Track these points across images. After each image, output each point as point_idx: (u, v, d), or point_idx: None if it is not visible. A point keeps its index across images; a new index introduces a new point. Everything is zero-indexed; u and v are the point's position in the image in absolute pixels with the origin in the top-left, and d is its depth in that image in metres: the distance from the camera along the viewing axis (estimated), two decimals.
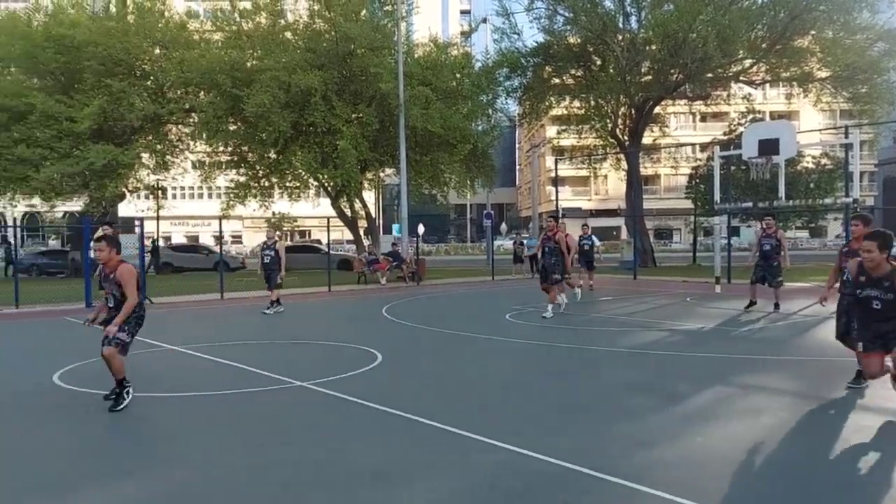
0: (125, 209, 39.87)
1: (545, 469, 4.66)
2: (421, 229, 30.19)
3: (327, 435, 5.63)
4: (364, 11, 27.30)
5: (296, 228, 54.80)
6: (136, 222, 22.05)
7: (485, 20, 34.09)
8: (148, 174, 31.97)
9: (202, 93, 28.21)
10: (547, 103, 32.60)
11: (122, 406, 6.38)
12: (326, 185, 28.92)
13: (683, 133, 55.80)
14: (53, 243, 52.30)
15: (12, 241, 25.95)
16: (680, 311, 14.78)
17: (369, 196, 35.84)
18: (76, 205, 33.00)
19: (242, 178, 29.86)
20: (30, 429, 6.00)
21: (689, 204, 38.86)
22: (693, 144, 45.06)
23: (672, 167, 44.17)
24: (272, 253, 14.92)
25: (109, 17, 30.10)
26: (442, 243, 69.41)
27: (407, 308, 15.83)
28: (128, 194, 32.16)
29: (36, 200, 31.12)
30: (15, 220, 36.16)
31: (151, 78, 29.51)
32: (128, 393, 6.50)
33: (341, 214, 29.75)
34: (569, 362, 8.98)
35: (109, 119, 26.70)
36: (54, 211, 35.67)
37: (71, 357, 9.11)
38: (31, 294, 17.62)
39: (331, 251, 25.68)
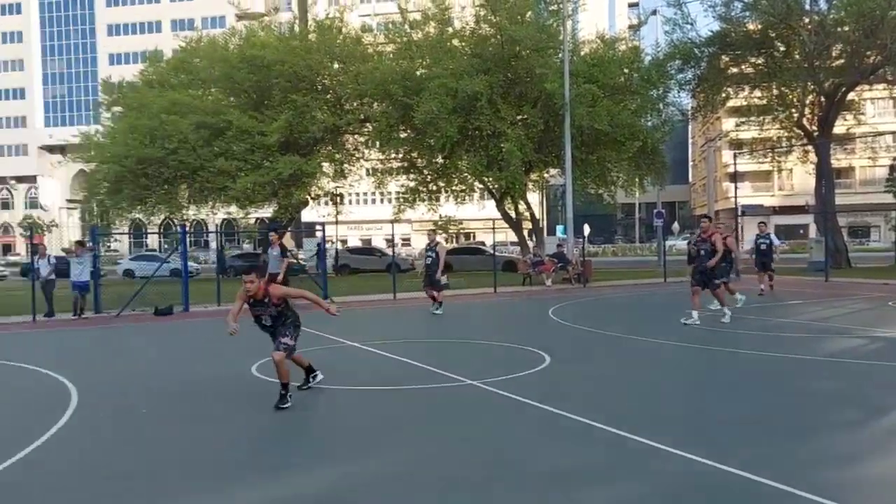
0: (307, 215, 42.98)
1: (731, 482, 4.40)
2: (587, 230, 29.63)
3: (501, 433, 5.72)
4: (529, 13, 27.34)
5: (461, 230, 56.04)
6: (318, 227, 23.74)
7: (654, 12, 32.89)
8: (328, 182, 34.22)
9: (376, 103, 29.74)
10: (724, 95, 30.69)
11: (285, 406, 6.61)
12: (491, 187, 29.31)
13: (883, 120, 50.13)
14: (247, 247, 57.45)
15: (214, 245, 28.73)
16: (881, 316, 13.31)
17: (533, 197, 35.82)
18: (266, 211, 36.06)
19: (412, 183, 31.07)
20: (230, 413, 6.65)
21: (889, 198, 34.83)
22: (895, 133, 40.33)
23: (869, 158, 39.88)
24: (433, 255, 15.34)
25: (294, 37, 32.60)
26: (609, 244, 67.63)
27: (574, 310, 15.63)
28: (310, 201, 34.65)
29: (233, 208, 34.37)
30: (217, 226, 40.14)
31: (331, 92, 31.54)
32: (290, 397, 6.73)
33: (506, 216, 29.99)
34: (754, 369, 8.40)
35: (295, 132, 28.87)
36: (248, 217, 39.20)
37: (267, 351, 9.97)
38: (230, 293, 19.47)
39: (496, 253, 25.98)
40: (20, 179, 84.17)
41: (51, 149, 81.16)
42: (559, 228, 43.61)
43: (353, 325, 13.98)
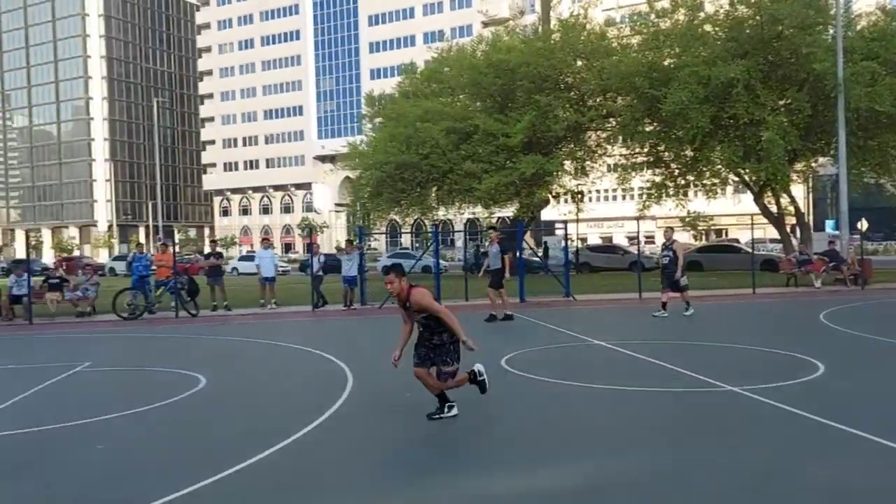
0: (548, 213, 43.36)
1: None
2: (863, 225, 26.05)
3: (769, 444, 5.27)
4: None
5: (711, 227, 52.57)
6: (559, 225, 23.84)
7: None
8: (569, 180, 34.20)
9: (620, 98, 29.08)
10: None
11: (441, 416, 6.13)
12: (749, 180, 27.10)
13: None
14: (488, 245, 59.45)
15: (460, 244, 30.08)
16: None
17: (798, 190, 32.43)
18: (508, 211, 37.08)
19: (658, 178, 29.85)
20: (481, 404, 6.92)
21: None
22: None
23: None
24: (670, 254, 14.55)
25: (538, 38, 33.10)
26: (891, 241, 58.90)
27: (851, 314, 13.86)
28: (551, 199, 34.93)
29: (477, 208, 35.85)
30: (465, 226, 42.20)
31: (574, 89, 31.48)
32: (449, 407, 6.19)
33: (765, 211, 27.53)
34: None
35: (537, 132, 29.29)
36: (491, 217, 40.65)
37: (517, 345, 10.27)
38: (478, 289, 20.37)
39: (754, 251, 23.94)
40: (298, 186, 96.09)
41: (323, 158, 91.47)
42: (829, 223, 39.00)
43: (598, 323, 13.84)
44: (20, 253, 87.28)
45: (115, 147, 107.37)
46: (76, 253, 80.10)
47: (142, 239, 79.15)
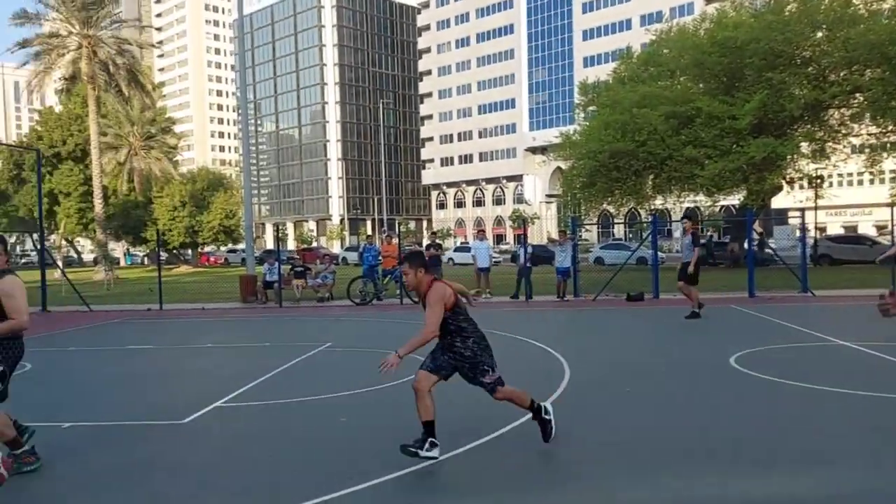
0: (780, 200, 39.74)
1: None
2: None
3: None
4: None
5: None
6: (794, 213, 21.67)
7: None
8: (806, 163, 31.09)
9: (868, 70, 25.85)
10: None
11: (417, 452, 4.80)
12: None
13: None
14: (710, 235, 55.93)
15: (677, 234, 28.72)
16: None
17: None
18: (733, 199, 34.57)
19: None
20: (708, 402, 6.58)
21: None
22: None
23: None
24: None
25: (769, 11, 30.41)
26: None
27: None
28: (784, 185, 31.98)
29: (699, 197, 33.90)
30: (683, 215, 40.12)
31: (812, 64, 28.56)
32: (432, 445, 4.83)
33: None
34: None
35: (769, 112, 27.01)
36: (714, 205, 38.18)
37: (746, 343, 9.62)
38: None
39: None
40: (510, 178, 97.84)
41: (534, 150, 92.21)
42: None
43: (840, 321, 12.47)
44: (269, 244, 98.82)
45: (346, 147, 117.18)
46: (314, 244, 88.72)
47: (368, 231, 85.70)
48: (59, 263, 28.78)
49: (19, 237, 76.14)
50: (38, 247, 22.25)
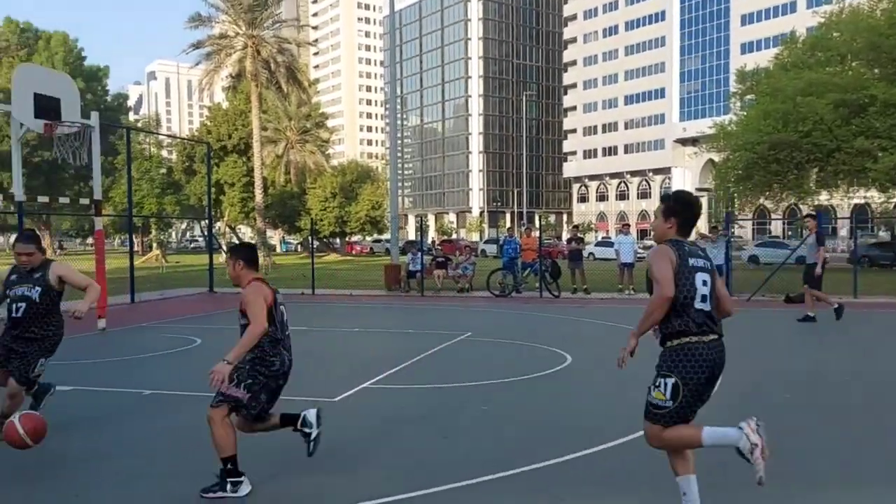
0: None
1: None
2: None
3: None
4: None
5: None
6: None
7: None
8: None
9: None
10: None
11: (221, 494, 4.17)
12: None
13: None
14: (883, 235, 51.04)
15: (843, 233, 26.63)
16: None
17: None
18: None
19: None
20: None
21: None
22: None
23: None
24: None
25: None
26: None
27: None
28: None
29: (871, 192, 31.02)
30: (851, 212, 36.93)
31: None
32: (235, 484, 4.17)
33: None
34: None
35: None
36: (889, 202, 34.78)
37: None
38: (868, 284, 17.80)
39: None
40: (656, 171, 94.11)
41: (684, 141, 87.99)
42: None
43: None
44: (411, 235, 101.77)
45: (488, 140, 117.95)
46: (454, 236, 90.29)
47: (507, 224, 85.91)
48: (224, 248, 31.27)
49: (189, 223, 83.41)
50: (207, 233, 24.25)
